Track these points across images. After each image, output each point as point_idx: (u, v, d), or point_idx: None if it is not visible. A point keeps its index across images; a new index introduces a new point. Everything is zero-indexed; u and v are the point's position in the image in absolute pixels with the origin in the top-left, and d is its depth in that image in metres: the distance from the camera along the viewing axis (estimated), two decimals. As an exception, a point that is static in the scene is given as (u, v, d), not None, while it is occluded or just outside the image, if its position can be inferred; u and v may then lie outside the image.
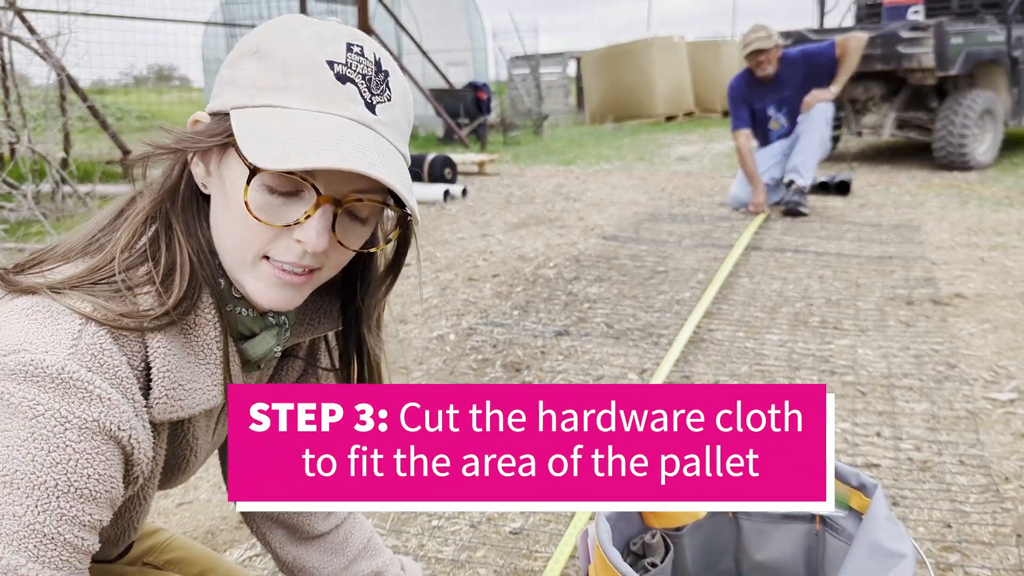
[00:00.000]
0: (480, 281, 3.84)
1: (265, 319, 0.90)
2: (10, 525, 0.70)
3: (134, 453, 0.78)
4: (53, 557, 0.72)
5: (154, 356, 0.79)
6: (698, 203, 5.70)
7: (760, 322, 3.10)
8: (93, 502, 0.74)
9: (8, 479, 0.70)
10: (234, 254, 0.83)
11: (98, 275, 0.80)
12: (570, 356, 2.84)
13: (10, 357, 0.72)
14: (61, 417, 0.72)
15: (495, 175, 7.51)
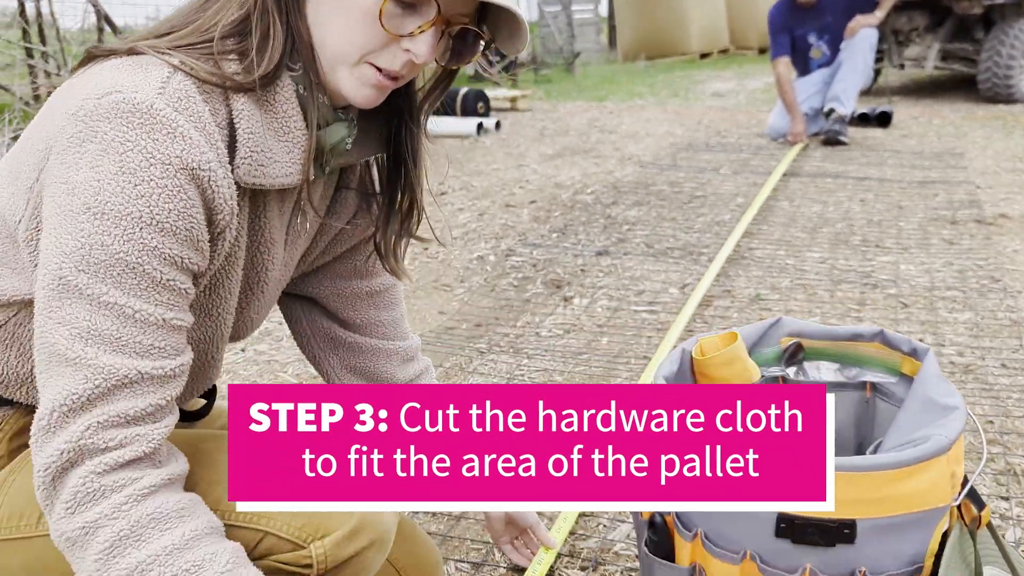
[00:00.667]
0: (517, 207, 3.86)
1: (336, 113, 0.94)
2: (99, 255, 0.75)
3: (215, 200, 0.81)
4: (133, 286, 0.77)
5: (239, 118, 0.83)
6: (735, 134, 5.64)
7: (800, 241, 3.10)
8: (174, 237, 0.78)
9: (99, 210, 0.75)
10: (339, 50, 0.87)
11: (189, 41, 0.85)
12: (611, 273, 2.87)
13: (104, 99, 0.77)
14: (147, 152, 0.76)
15: (527, 111, 7.46)
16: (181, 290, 0.81)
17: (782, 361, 1.25)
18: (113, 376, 0.77)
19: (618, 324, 2.46)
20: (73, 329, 0.76)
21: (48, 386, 0.77)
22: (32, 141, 0.86)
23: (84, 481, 0.77)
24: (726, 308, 2.52)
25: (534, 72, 11.28)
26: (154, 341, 0.80)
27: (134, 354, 0.78)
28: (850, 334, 1.21)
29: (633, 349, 2.29)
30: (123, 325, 0.77)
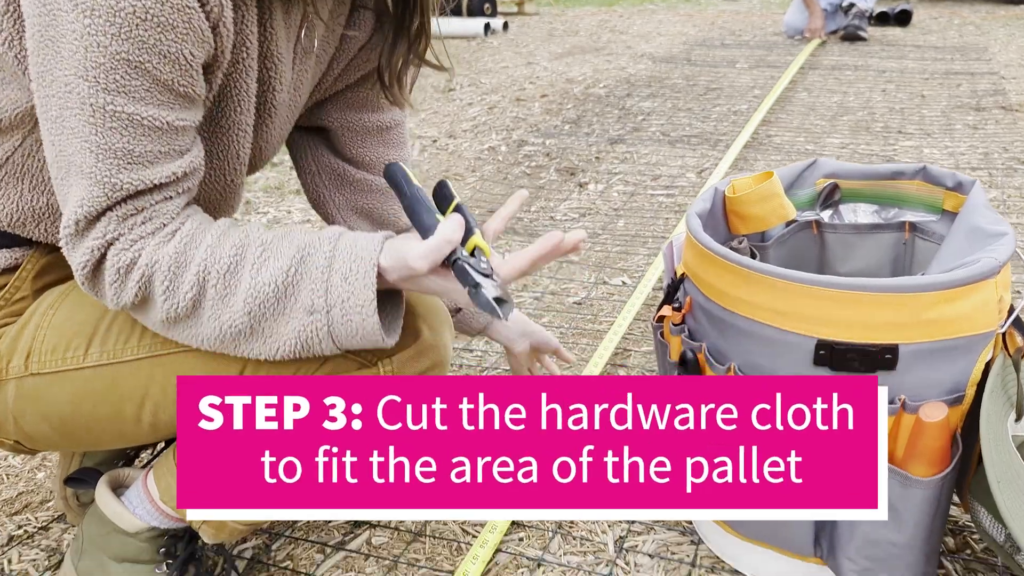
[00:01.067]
0: (528, 101, 3.76)
1: None
2: (97, 57, 0.71)
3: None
4: (137, 88, 0.73)
5: None
6: (750, 34, 5.47)
7: (820, 128, 3.02)
8: (172, 31, 0.72)
9: (89, 7, 0.69)
10: None
11: None
12: (626, 160, 2.80)
13: None
14: None
15: (535, 15, 7.23)
16: (189, 92, 0.77)
17: (817, 204, 1.20)
18: (129, 188, 0.76)
19: (634, 207, 2.41)
20: (84, 141, 0.73)
21: (70, 195, 0.76)
22: None
23: (117, 256, 0.76)
24: (745, 190, 2.47)
25: (540, -22, 10.93)
26: (162, 147, 0.76)
27: (146, 163, 0.75)
28: (890, 172, 1.15)
29: (650, 230, 2.24)
30: (132, 136, 0.74)
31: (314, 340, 0.79)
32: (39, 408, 0.91)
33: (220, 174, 0.91)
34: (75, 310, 0.91)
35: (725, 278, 0.97)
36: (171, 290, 0.77)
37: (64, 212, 0.77)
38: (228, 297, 0.77)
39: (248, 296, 0.77)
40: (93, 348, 0.89)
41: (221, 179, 0.92)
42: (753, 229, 1.13)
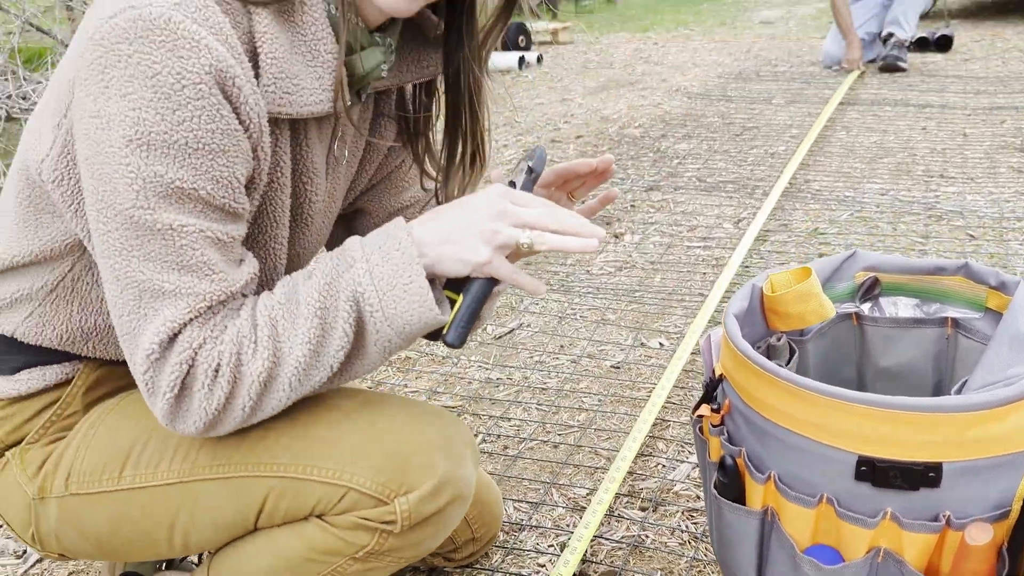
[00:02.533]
0: (563, 143, 3.78)
1: (372, 36, 0.89)
2: (155, 187, 0.74)
3: (241, 110, 0.77)
4: (194, 210, 0.76)
5: (261, 40, 0.79)
6: (787, 63, 5.43)
7: (859, 172, 2.99)
8: (223, 156, 0.76)
9: (144, 142, 0.73)
10: None
11: None
12: (662, 209, 2.80)
13: (118, 17, 0.73)
14: (176, 72, 0.73)
15: (569, 43, 7.27)
16: (238, 210, 0.80)
17: (857, 296, 1.20)
18: (211, 297, 0.79)
19: (671, 261, 2.40)
20: (161, 264, 0.76)
21: (148, 320, 0.78)
22: (58, 75, 0.83)
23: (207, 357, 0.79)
24: (783, 243, 2.45)
25: (575, 3, 10.98)
26: (229, 257, 0.80)
27: (220, 272, 0.79)
28: (932, 267, 1.14)
29: (688, 286, 2.23)
30: (202, 247, 0.77)
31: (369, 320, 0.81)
32: (78, 527, 0.93)
33: (259, 290, 0.94)
34: (113, 432, 0.93)
35: (763, 387, 0.96)
36: (253, 355, 0.79)
37: (141, 341, 0.78)
38: (295, 320, 0.80)
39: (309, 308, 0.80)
40: (127, 471, 0.91)
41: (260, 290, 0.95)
42: (792, 327, 1.13)
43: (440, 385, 1.83)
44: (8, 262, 0.90)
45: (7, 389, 0.95)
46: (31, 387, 0.95)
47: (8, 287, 0.92)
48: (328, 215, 1.03)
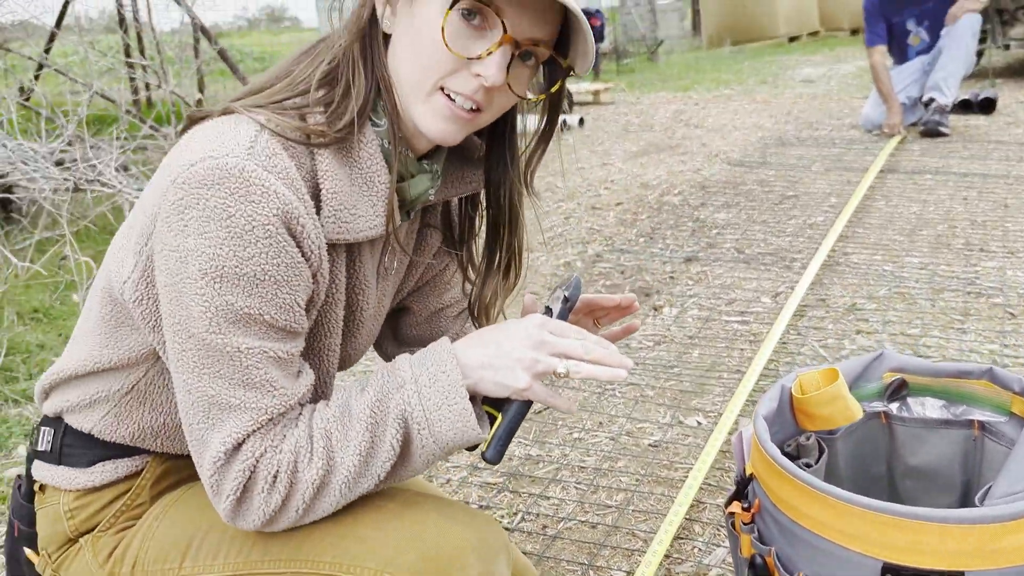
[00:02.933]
0: (603, 210, 3.86)
1: (420, 164, 0.99)
2: (227, 314, 0.83)
3: (304, 244, 0.87)
4: (261, 333, 0.86)
5: (323, 177, 0.89)
6: (827, 126, 5.48)
7: (899, 245, 3.01)
8: (287, 285, 0.86)
9: (217, 275, 0.82)
10: (413, 82, 0.92)
11: (279, 97, 0.92)
12: (700, 281, 2.85)
13: (198, 165, 0.83)
14: (248, 216, 0.82)
15: (610, 104, 7.41)
16: (298, 329, 0.89)
17: (885, 396, 1.24)
18: (272, 411, 0.87)
19: (709, 335, 2.45)
20: (229, 381, 0.85)
21: (214, 430, 0.87)
22: (142, 204, 0.94)
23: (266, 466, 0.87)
24: (820, 319, 2.48)
25: (616, 62, 11.18)
26: (288, 372, 0.89)
27: (280, 388, 0.88)
28: (956, 371, 1.18)
29: (726, 362, 2.27)
30: (266, 369, 0.86)
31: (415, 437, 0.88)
32: None
33: (314, 392, 1.03)
34: (175, 524, 1.01)
35: (791, 491, 1.01)
36: (308, 464, 0.87)
37: (206, 452, 0.87)
38: (347, 433, 0.88)
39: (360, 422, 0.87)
40: (187, 562, 0.98)
41: (315, 395, 1.04)
42: (821, 428, 1.17)
43: (480, 460, 1.89)
44: (91, 367, 1.01)
45: (83, 481, 1.04)
46: (104, 479, 1.03)
47: (89, 389, 1.02)
48: (378, 319, 1.12)
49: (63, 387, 1.05)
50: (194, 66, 6.68)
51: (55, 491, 1.05)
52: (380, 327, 1.16)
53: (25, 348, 2.55)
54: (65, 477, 1.04)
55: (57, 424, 1.05)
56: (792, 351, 2.29)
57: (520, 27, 0.89)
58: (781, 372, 2.18)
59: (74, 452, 1.04)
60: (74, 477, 1.03)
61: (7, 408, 2.26)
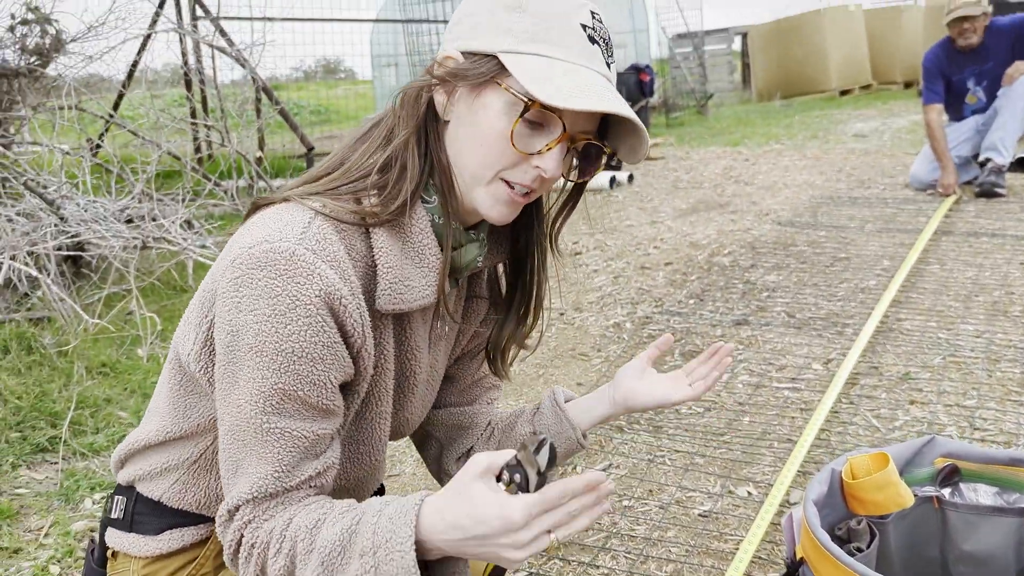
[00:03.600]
0: (652, 269, 3.89)
1: (468, 234, 1.05)
2: (261, 386, 0.90)
3: (346, 325, 0.93)
4: (290, 410, 0.91)
5: (379, 253, 0.96)
6: (879, 184, 5.45)
7: (954, 311, 2.98)
8: (322, 363, 0.92)
9: (261, 349, 0.89)
10: (476, 172, 0.98)
11: (337, 184, 0.98)
12: (751, 346, 2.85)
13: (255, 248, 0.91)
14: (292, 296, 0.89)
15: (660, 159, 7.47)
16: (330, 407, 0.95)
17: (936, 482, 1.24)
18: (271, 488, 0.93)
19: (759, 403, 2.45)
20: (251, 450, 0.93)
21: (231, 489, 0.94)
22: (206, 282, 1.02)
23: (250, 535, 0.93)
24: (873, 387, 2.46)
25: (666, 116, 11.28)
26: (304, 454, 0.94)
27: (288, 469, 0.93)
28: (1009, 459, 1.18)
29: (776, 431, 2.27)
30: (283, 447, 0.92)
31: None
32: None
33: (364, 458, 1.09)
34: None
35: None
36: (275, 557, 0.91)
37: (220, 505, 0.95)
38: (309, 554, 0.90)
39: (322, 551, 0.89)
40: None
41: (366, 461, 1.09)
42: (872, 512, 1.18)
43: (531, 526, 1.91)
44: (163, 437, 1.08)
45: (152, 548, 1.10)
46: (172, 546, 1.09)
47: (160, 458, 1.09)
48: (431, 385, 1.17)
49: (137, 457, 1.12)
50: (256, 125, 6.93)
51: (126, 558, 1.11)
52: (435, 392, 1.20)
53: (93, 402, 2.65)
54: (135, 544, 1.10)
55: (129, 493, 1.12)
56: (844, 420, 2.28)
57: (576, 124, 0.96)
58: (833, 442, 2.17)
59: (144, 520, 1.11)
60: (144, 544, 1.09)
61: (75, 461, 2.36)
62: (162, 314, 3.37)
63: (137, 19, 6.60)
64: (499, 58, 0.93)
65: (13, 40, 4.58)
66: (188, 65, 6.76)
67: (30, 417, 2.51)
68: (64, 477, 2.25)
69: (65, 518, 2.07)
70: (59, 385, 2.72)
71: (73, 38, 4.79)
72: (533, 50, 0.93)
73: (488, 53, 0.94)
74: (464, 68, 0.95)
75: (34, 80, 4.60)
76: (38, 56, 4.62)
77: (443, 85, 0.98)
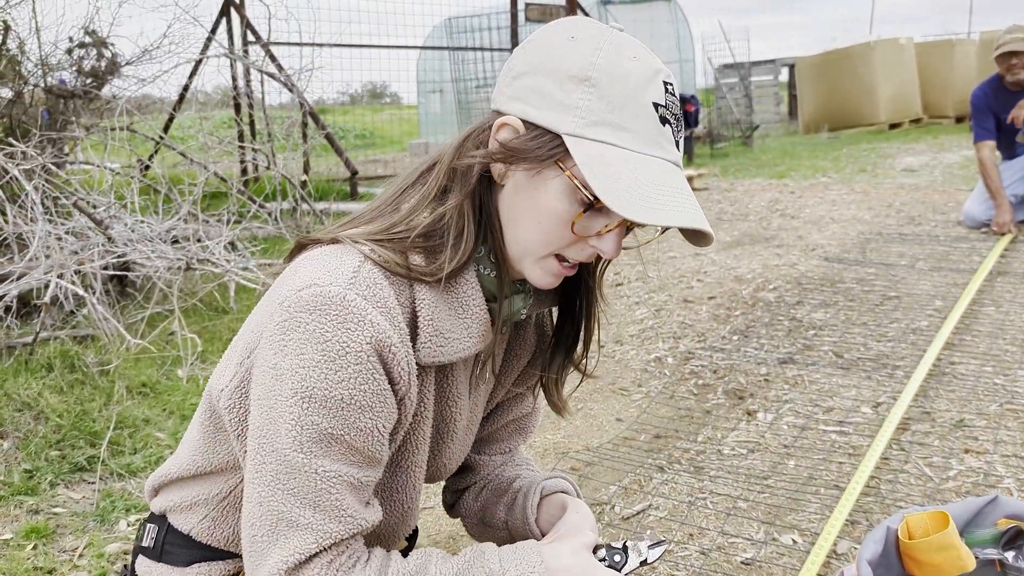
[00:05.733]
0: (695, 303, 3.82)
1: (514, 285, 1.02)
2: (311, 433, 0.87)
3: (394, 372, 0.91)
4: (340, 455, 0.89)
5: (421, 306, 0.93)
6: (930, 221, 5.33)
7: (1011, 356, 2.86)
8: (370, 411, 0.89)
9: (307, 395, 0.86)
10: (530, 247, 0.94)
11: (385, 234, 0.95)
12: (797, 385, 2.77)
13: (304, 291, 0.88)
14: (343, 342, 0.87)
15: (704, 190, 7.41)
16: (377, 455, 0.92)
17: (999, 544, 1.17)
18: (337, 536, 0.89)
19: (805, 446, 2.37)
20: (302, 500, 0.88)
21: (275, 546, 0.89)
22: (250, 321, 1.00)
23: None
24: (925, 434, 2.36)
25: (710, 146, 11.21)
26: (358, 500, 0.92)
27: (351, 515, 0.90)
28: (1081, 524, 1.11)
29: (823, 476, 2.19)
30: (339, 493, 0.89)
31: None
32: None
33: (398, 504, 1.06)
34: None
35: (899, 650, 0.96)
36: None
37: (264, 565, 0.89)
38: None
39: None
40: None
41: (399, 507, 1.07)
42: (929, 575, 1.11)
43: (567, 568, 1.86)
44: (193, 471, 1.07)
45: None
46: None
47: (191, 491, 1.08)
48: (470, 429, 1.14)
49: (169, 487, 1.11)
50: (302, 149, 7.02)
51: None
52: (472, 438, 1.18)
53: (132, 422, 2.67)
54: (163, 575, 1.08)
55: (161, 522, 1.11)
56: (895, 468, 2.19)
57: None
58: (883, 491, 2.09)
59: (174, 551, 1.09)
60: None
61: (112, 482, 2.36)
62: (203, 335, 3.39)
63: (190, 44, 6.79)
64: (563, 139, 0.88)
65: (70, 62, 4.71)
66: (238, 89, 6.89)
67: (70, 436, 2.53)
68: (100, 498, 2.26)
69: (100, 539, 2.07)
70: (99, 404, 2.74)
71: (128, 61, 4.91)
72: (600, 136, 0.87)
73: (551, 131, 0.89)
74: (524, 147, 0.89)
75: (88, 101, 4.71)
76: (93, 78, 4.74)
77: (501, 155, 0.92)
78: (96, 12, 4.83)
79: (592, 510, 2.07)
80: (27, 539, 2.03)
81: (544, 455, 2.39)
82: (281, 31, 10.54)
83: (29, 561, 1.94)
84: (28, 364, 2.96)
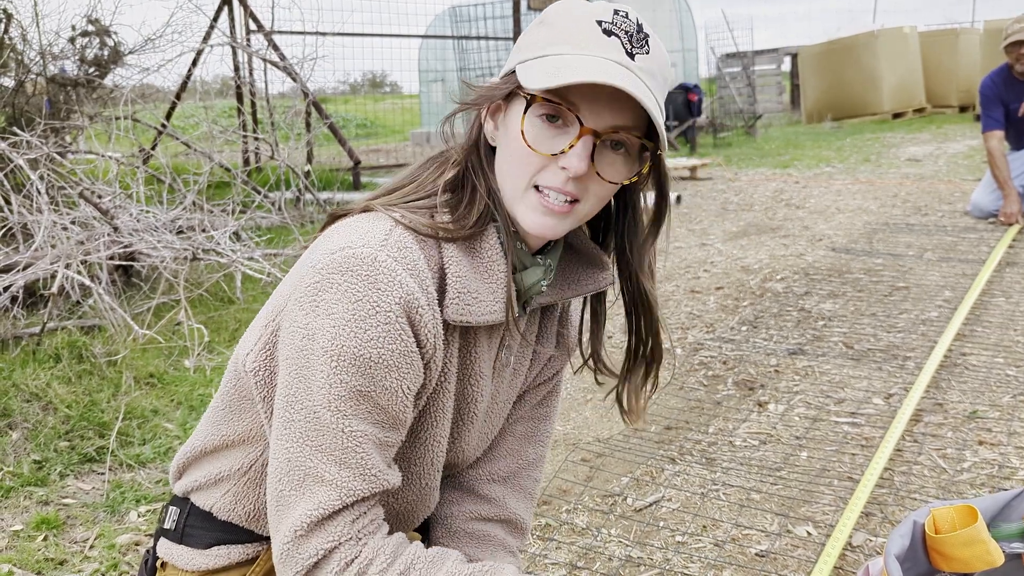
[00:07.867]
0: (703, 294, 3.81)
1: (534, 258, 1.03)
2: (340, 391, 0.88)
3: (421, 332, 0.92)
4: (367, 413, 0.90)
5: (449, 264, 0.95)
6: (937, 211, 5.31)
7: (1023, 347, 2.86)
8: (398, 370, 0.91)
9: (339, 353, 0.88)
10: (510, 185, 0.97)
11: (412, 198, 0.99)
12: (807, 376, 2.76)
13: (338, 253, 0.90)
14: (372, 303, 0.88)
15: (707, 180, 7.39)
16: (401, 416, 0.93)
17: (1027, 538, 1.16)
18: (360, 494, 0.91)
19: (817, 437, 2.36)
20: (329, 456, 0.90)
21: (300, 501, 0.90)
22: (279, 289, 1.01)
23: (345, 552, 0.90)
24: (938, 425, 2.36)
25: (713, 136, 11.18)
26: (383, 460, 0.93)
27: (375, 474, 0.92)
28: (1109, 518, 1.10)
29: (836, 468, 2.18)
30: (366, 451, 0.90)
31: None
32: None
33: (417, 479, 1.06)
34: None
35: (929, 645, 0.95)
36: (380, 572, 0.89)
37: (288, 517, 0.91)
38: None
39: None
40: None
41: (418, 483, 1.07)
42: (956, 570, 1.10)
43: (580, 559, 1.85)
44: (216, 442, 1.07)
45: (200, 563, 1.08)
46: (219, 563, 1.08)
47: (213, 467, 1.08)
48: (491, 418, 1.13)
49: (193, 466, 1.12)
50: (305, 139, 6.99)
51: (175, 570, 1.11)
52: (494, 431, 1.16)
53: (140, 413, 2.66)
54: (184, 557, 1.09)
55: (183, 504, 1.12)
56: (908, 460, 2.19)
57: (600, 118, 0.92)
58: (897, 483, 2.08)
59: (195, 532, 1.10)
60: (192, 558, 1.09)
61: (122, 472, 2.35)
62: (209, 325, 3.38)
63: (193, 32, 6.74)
64: (516, 71, 0.94)
65: (73, 51, 4.68)
66: (241, 77, 6.86)
67: (79, 426, 2.52)
68: (110, 488, 2.25)
69: (110, 530, 2.06)
70: (108, 395, 2.73)
71: (131, 50, 4.88)
72: (541, 54, 0.93)
73: (510, 71, 0.96)
74: (489, 89, 0.97)
75: (91, 90, 4.69)
76: (96, 67, 4.71)
77: (490, 112, 1.00)
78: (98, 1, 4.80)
79: (605, 502, 2.07)
80: (38, 530, 2.03)
81: (555, 447, 2.38)
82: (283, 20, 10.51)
83: (40, 552, 1.93)
84: (36, 354, 2.95)
